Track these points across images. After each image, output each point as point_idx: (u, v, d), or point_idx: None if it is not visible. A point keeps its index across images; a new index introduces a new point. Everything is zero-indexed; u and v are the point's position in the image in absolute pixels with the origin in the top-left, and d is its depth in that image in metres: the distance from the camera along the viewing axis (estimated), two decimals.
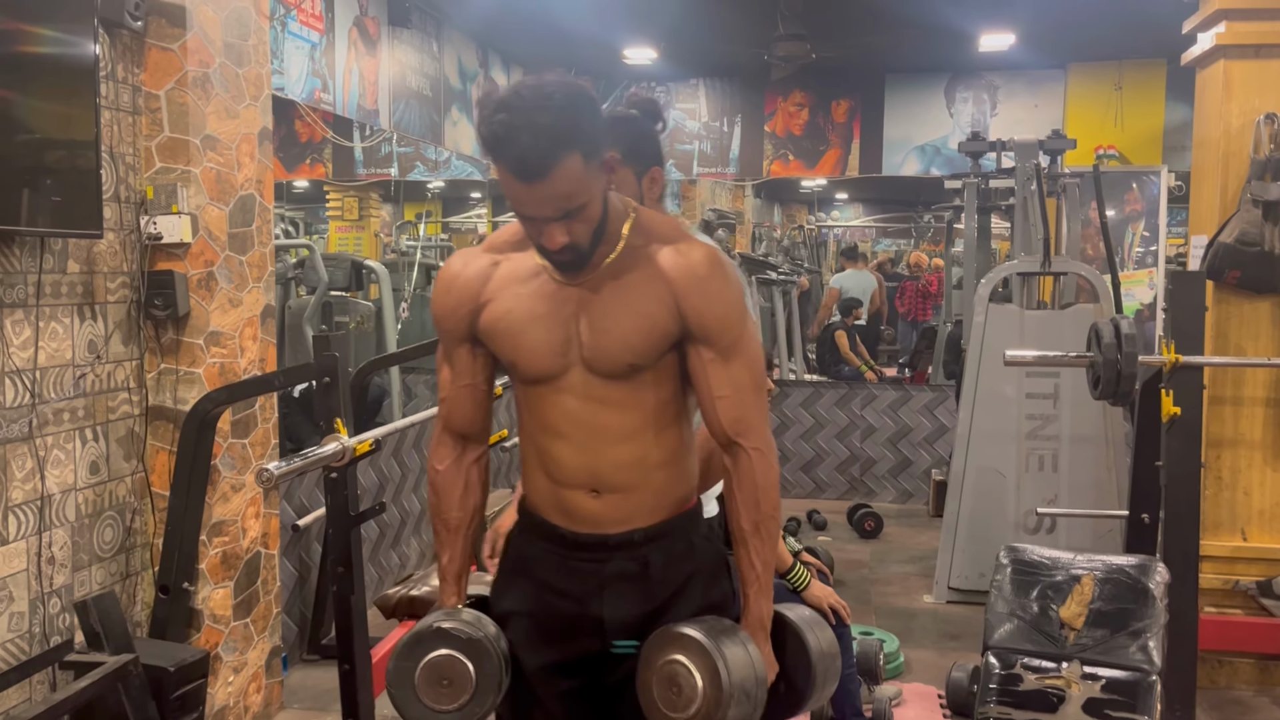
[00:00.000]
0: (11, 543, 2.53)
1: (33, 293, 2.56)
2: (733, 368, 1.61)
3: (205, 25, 3.02)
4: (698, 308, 1.59)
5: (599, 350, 1.59)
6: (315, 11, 4.46)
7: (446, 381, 1.73)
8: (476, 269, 1.67)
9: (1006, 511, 4.72)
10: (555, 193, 1.46)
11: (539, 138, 1.42)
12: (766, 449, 1.63)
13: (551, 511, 1.67)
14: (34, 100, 2.46)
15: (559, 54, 7.06)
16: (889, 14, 5.65)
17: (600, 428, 1.61)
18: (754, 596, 1.63)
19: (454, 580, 1.74)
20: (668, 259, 1.60)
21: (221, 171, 3.11)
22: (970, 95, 7.22)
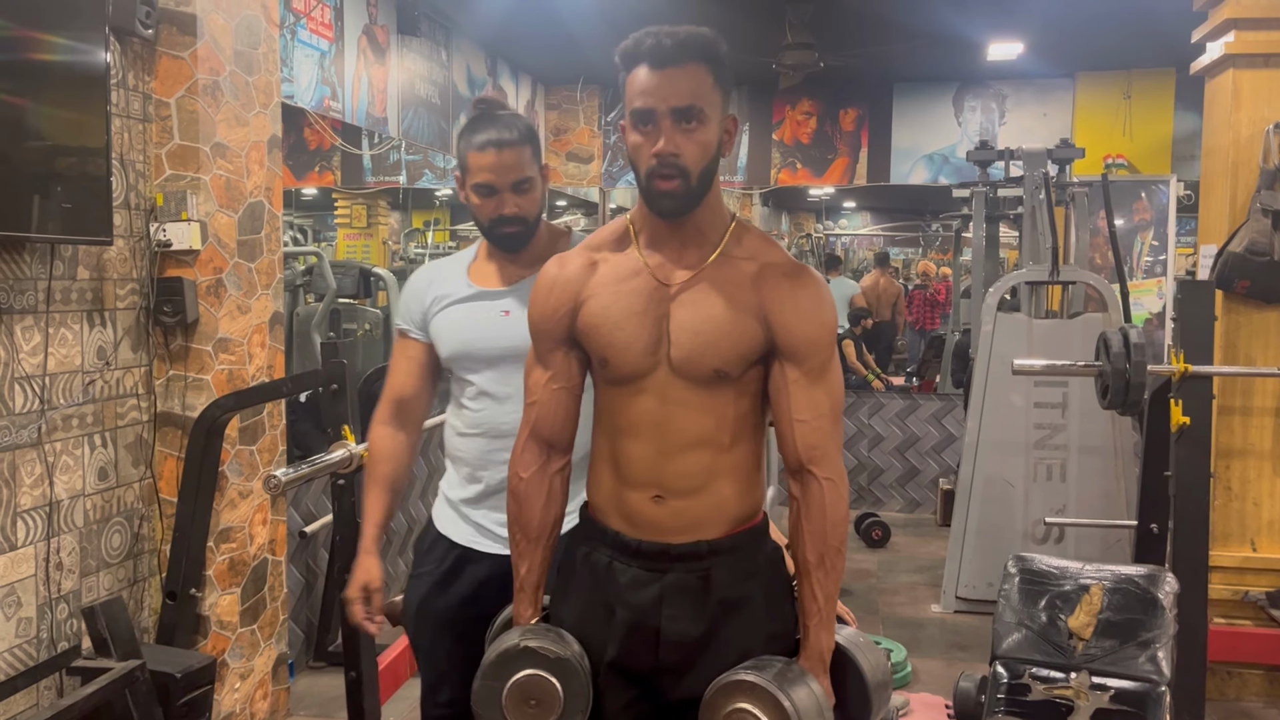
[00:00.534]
0: (20, 548, 2.54)
1: (42, 299, 2.57)
2: (815, 392, 1.59)
3: (216, 33, 3.03)
4: (789, 325, 1.58)
5: (687, 353, 1.58)
6: (325, 20, 4.48)
7: (538, 384, 1.71)
8: (576, 268, 1.68)
9: (1015, 521, 4.71)
10: (683, 87, 1.51)
11: (679, 37, 1.53)
12: (839, 480, 1.60)
13: (613, 516, 1.66)
14: (45, 107, 2.48)
15: (568, 62, 7.08)
16: (897, 23, 5.66)
17: (674, 430, 1.60)
18: (814, 630, 1.60)
19: (532, 592, 1.72)
20: (763, 272, 1.60)
21: (231, 179, 3.12)
22: (979, 104, 7.23)
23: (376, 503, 2.11)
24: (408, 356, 2.12)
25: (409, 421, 2.14)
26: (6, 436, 2.48)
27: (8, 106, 2.35)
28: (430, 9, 5.50)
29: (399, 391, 2.13)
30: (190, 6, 2.94)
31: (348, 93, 4.70)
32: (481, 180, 1.96)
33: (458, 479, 2.10)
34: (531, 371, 1.72)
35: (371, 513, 2.11)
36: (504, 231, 1.99)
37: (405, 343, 2.13)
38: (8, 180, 2.37)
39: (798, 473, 1.61)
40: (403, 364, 2.13)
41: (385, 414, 2.14)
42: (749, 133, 7.58)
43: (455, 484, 2.11)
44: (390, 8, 5.14)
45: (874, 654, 1.70)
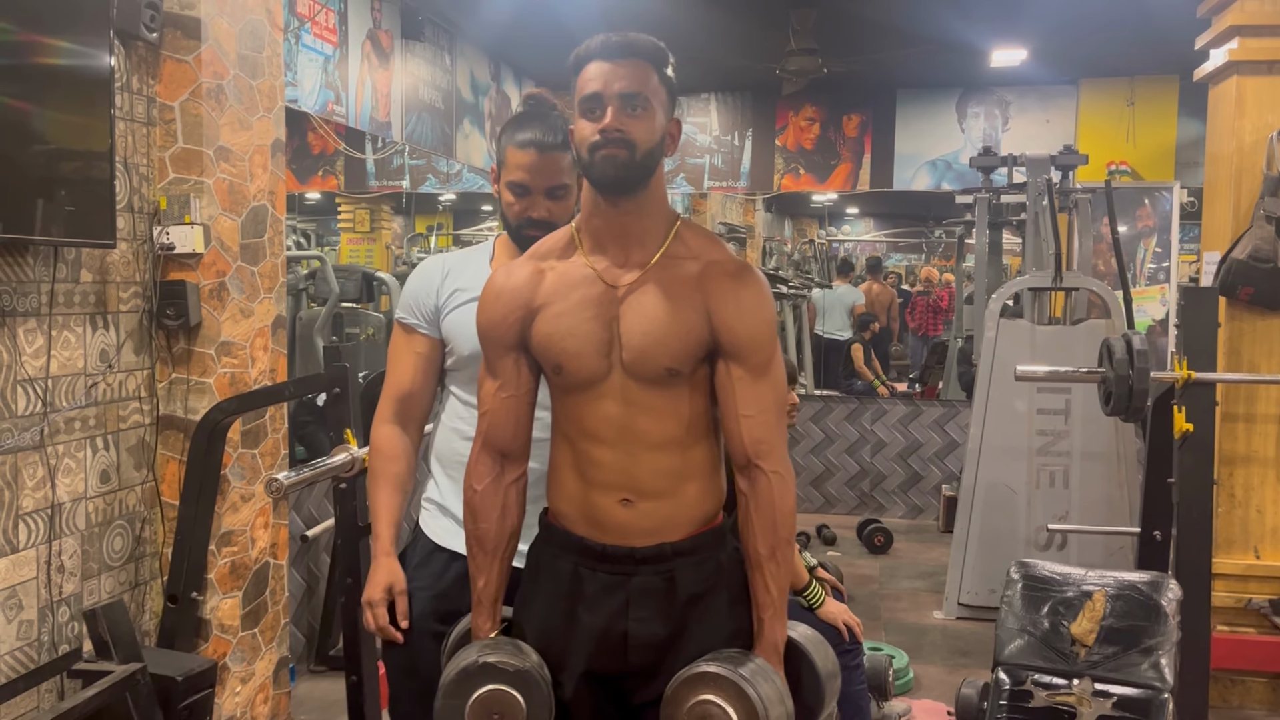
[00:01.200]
0: (22, 550, 2.53)
1: (45, 302, 2.58)
2: (760, 387, 1.62)
3: (220, 37, 3.04)
4: (730, 323, 1.60)
5: (638, 353, 1.60)
6: (329, 24, 4.49)
7: (489, 394, 1.71)
8: (524, 276, 1.68)
9: (1017, 527, 4.70)
10: (630, 75, 1.57)
11: (628, 37, 1.60)
12: (785, 473, 1.63)
13: (578, 522, 1.66)
14: (49, 111, 2.48)
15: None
16: (901, 29, 5.67)
17: (638, 433, 1.61)
18: (769, 621, 1.63)
19: (490, 605, 1.71)
20: (706, 271, 1.63)
21: (234, 183, 3.12)
22: (982, 110, 7.24)
23: (388, 503, 1.99)
24: (414, 352, 1.99)
25: (411, 420, 2.02)
26: (9, 439, 2.48)
27: (12, 110, 2.36)
28: (434, 14, 5.51)
29: (402, 388, 2.01)
30: (195, 10, 2.95)
31: (351, 97, 4.71)
32: (517, 179, 1.90)
33: (456, 487, 1.96)
34: (482, 382, 1.72)
35: (384, 513, 1.99)
36: (529, 234, 1.88)
37: (411, 337, 2.00)
38: (11, 183, 2.37)
39: (745, 468, 1.63)
40: (407, 359, 2.00)
41: (388, 412, 2.01)
42: (751, 138, 7.59)
43: (454, 493, 1.97)
44: (394, 12, 5.15)
45: (823, 647, 1.73)
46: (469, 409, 1.94)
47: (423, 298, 1.99)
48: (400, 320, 2.02)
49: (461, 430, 1.98)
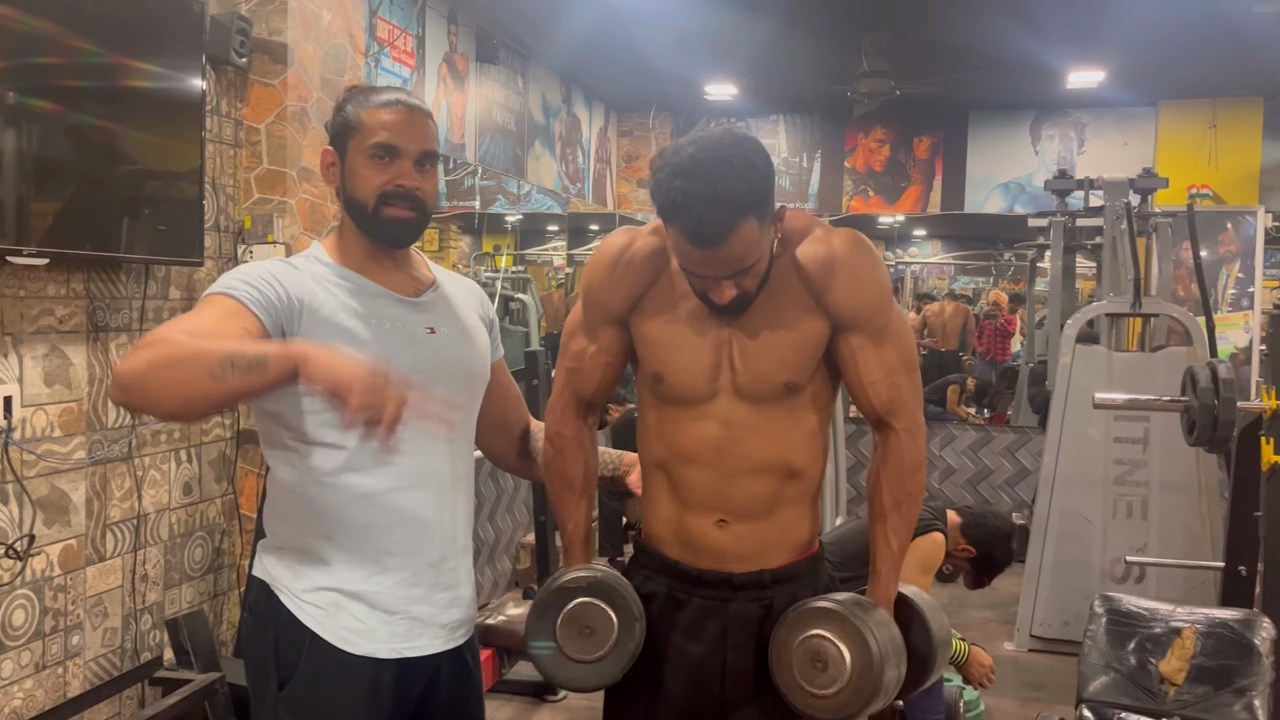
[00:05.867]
0: (108, 559, 2.60)
1: (136, 317, 2.65)
2: (883, 350, 1.57)
3: (305, 62, 3.12)
4: (843, 292, 1.54)
5: (754, 374, 1.56)
6: (407, 48, 4.58)
7: (583, 351, 1.67)
8: (648, 253, 1.61)
9: (1092, 558, 4.58)
10: (730, 255, 1.45)
11: (717, 206, 1.41)
12: (916, 430, 1.59)
13: (672, 545, 1.64)
14: (144, 133, 2.57)
15: (641, 90, 7.14)
16: (975, 51, 5.61)
17: (740, 456, 1.58)
18: (885, 574, 1.59)
19: (582, 546, 1.71)
20: (808, 253, 1.56)
21: (315, 203, 3.20)
22: (1056, 132, 7.12)
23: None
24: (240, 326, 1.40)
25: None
26: (100, 450, 2.55)
27: (108, 133, 2.44)
28: (509, 37, 5.59)
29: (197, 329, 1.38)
30: (282, 36, 3.03)
31: None
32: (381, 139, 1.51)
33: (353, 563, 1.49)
34: (574, 337, 1.67)
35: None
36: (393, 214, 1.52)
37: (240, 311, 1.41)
38: (107, 204, 2.45)
39: (878, 425, 1.61)
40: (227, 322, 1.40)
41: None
42: (820, 160, 7.56)
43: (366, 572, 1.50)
44: (470, 36, 5.24)
45: (938, 612, 1.66)
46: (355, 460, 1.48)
47: (274, 288, 1.45)
48: (226, 292, 1.43)
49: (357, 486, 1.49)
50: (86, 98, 2.37)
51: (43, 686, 2.42)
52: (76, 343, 2.48)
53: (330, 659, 1.47)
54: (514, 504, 4.90)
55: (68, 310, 2.45)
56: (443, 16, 4.96)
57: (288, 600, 1.48)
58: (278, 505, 1.53)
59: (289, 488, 1.51)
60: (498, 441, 1.79)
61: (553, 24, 5.34)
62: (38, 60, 2.22)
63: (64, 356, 2.44)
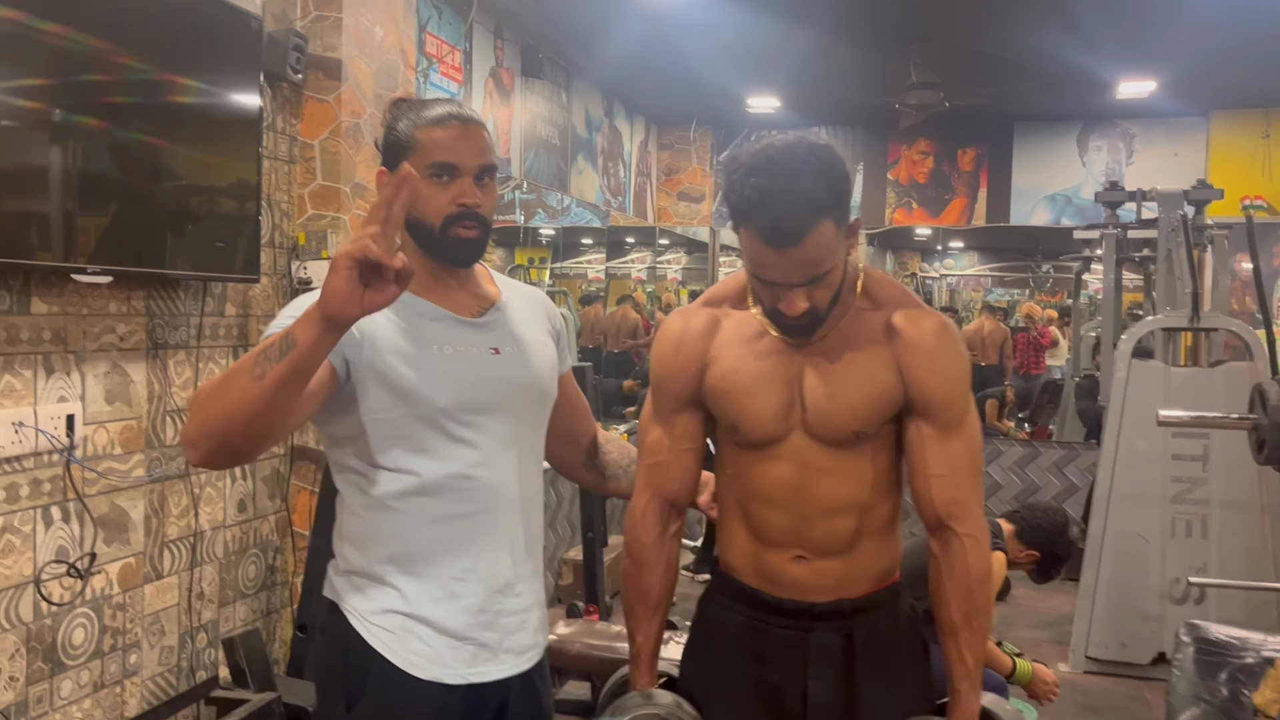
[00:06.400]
0: (166, 577, 2.60)
1: (194, 334, 2.65)
2: (952, 445, 1.53)
3: (359, 77, 3.11)
4: (923, 380, 1.51)
5: (824, 415, 1.52)
6: (455, 63, 4.58)
7: (663, 445, 1.62)
8: (701, 325, 1.60)
9: (1149, 578, 4.48)
10: (806, 259, 1.41)
11: (794, 204, 1.38)
12: (980, 535, 1.54)
13: (751, 575, 1.61)
14: (202, 152, 2.57)
15: (682, 103, 7.13)
16: (1023, 63, 5.55)
17: (815, 497, 1.54)
18: (965, 693, 1.53)
19: (649, 661, 1.65)
20: (898, 325, 1.53)
21: None
22: (1105, 143, 7.02)
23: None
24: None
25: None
26: (158, 468, 2.55)
27: (167, 151, 2.45)
28: (553, 52, 5.59)
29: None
30: (337, 52, 3.03)
31: None
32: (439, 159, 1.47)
33: (422, 588, 1.48)
34: (650, 431, 1.64)
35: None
36: (460, 234, 1.49)
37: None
38: (167, 221, 2.46)
39: (937, 529, 1.54)
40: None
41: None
42: (863, 172, 7.50)
43: (431, 597, 1.48)
44: (515, 51, 5.24)
45: (1018, 718, 1.63)
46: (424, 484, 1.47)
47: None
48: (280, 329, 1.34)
49: (425, 510, 1.47)
50: (145, 116, 2.37)
51: (101, 706, 2.41)
52: (137, 360, 2.48)
53: (398, 683, 1.45)
54: (558, 518, 4.87)
55: (129, 328, 2.45)
56: (489, 31, 4.96)
57: (356, 623, 1.48)
58: (346, 529, 1.52)
59: (357, 511, 1.49)
60: (565, 453, 1.77)
61: (596, 38, 5.34)
62: (99, 79, 2.23)
63: (124, 374, 2.44)
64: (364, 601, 1.48)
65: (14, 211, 2.07)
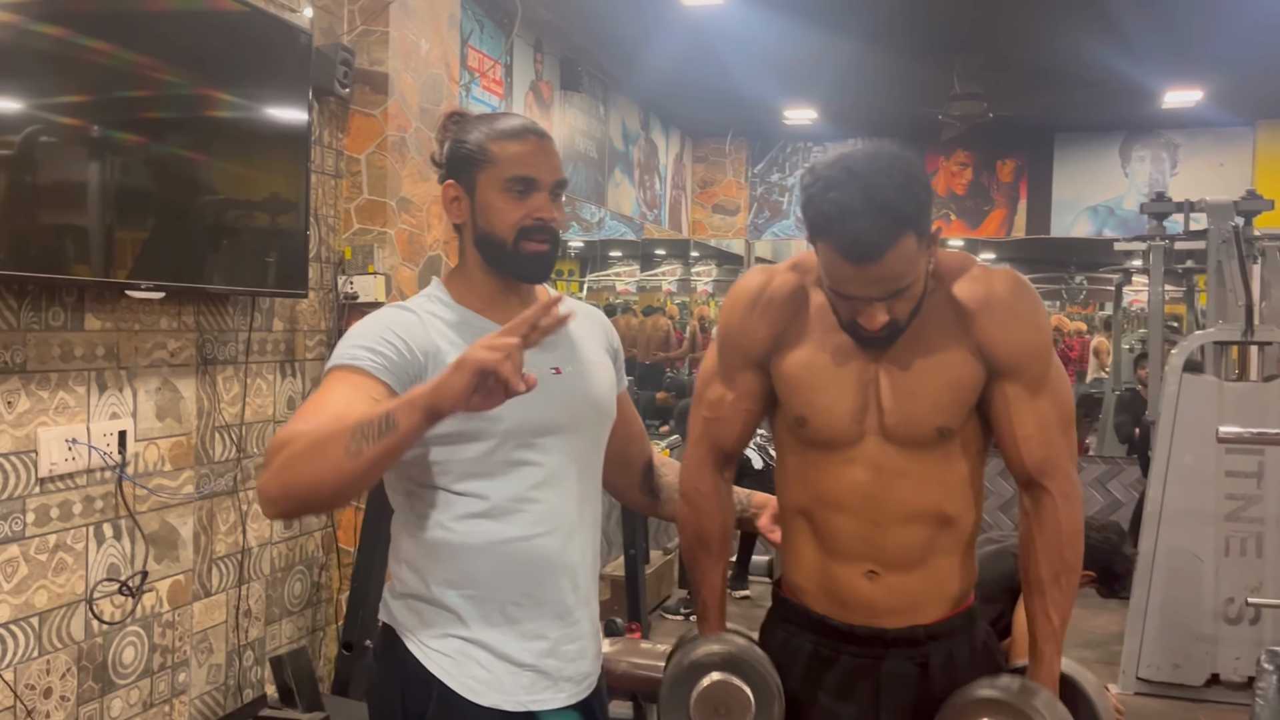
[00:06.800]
0: (214, 595, 2.58)
1: (242, 350, 2.64)
2: (1039, 403, 1.46)
3: (405, 91, 3.10)
4: (1001, 336, 1.45)
5: (904, 415, 1.47)
6: (496, 77, 4.58)
7: (725, 401, 1.57)
8: (785, 289, 1.53)
9: (1203, 598, 4.37)
10: (886, 274, 1.36)
11: (876, 218, 1.32)
12: (1073, 493, 1.49)
13: (818, 597, 1.55)
14: (250, 167, 2.56)
15: (718, 116, 7.10)
16: (1066, 72, 5.48)
17: (890, 502, 1.48)
18: (1049, 654, 1.48)
19: (718, 609, 1.62)
20: (965, 292, 1.47)
21: (413, 233, 3.17)
22: (1148, 154, 6.92)
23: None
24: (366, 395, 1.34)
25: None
26: (207, 484, 2.53)
27: (217, 167, 2.44)
28: (592, 65, 5.58)
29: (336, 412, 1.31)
30: (383, 66, 3.02)
31: None
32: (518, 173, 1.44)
33: (481, 612, 1.43)
34: (711, 384, 1.59)
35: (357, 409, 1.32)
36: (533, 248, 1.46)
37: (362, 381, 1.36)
38: (217, 236, 2.45)
39: (1028, 486, 1.49)
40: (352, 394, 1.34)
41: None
42: None
43: (490, 623, 1.44)
44: (555, 64, 5.23)
45: (1101, 691, 1.56)
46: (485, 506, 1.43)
47: (395, 346, 1.39)
48: (346, 363, 1.37)
49: (483, 533, 1.43)
50: (191, 131, 2.36)
51: None
52: (187, 376, 2.46)
53: (458, 710, 1.42)
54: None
55: (179, 343, 2.44)
56: (529, 45, 4.96)
57: (414, 647, 1.44)
58: (404, 551, 1.48)
59: (414, 534, 1.46)
60: (621, 476, 1.72)
61: (635, 50, 5.32)
62: (148, 95, 2.22)
63: (175, 390, 2.43)
64: (422, 626, 1.44)
65: (67, 227, 2.07)
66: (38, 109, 1.96)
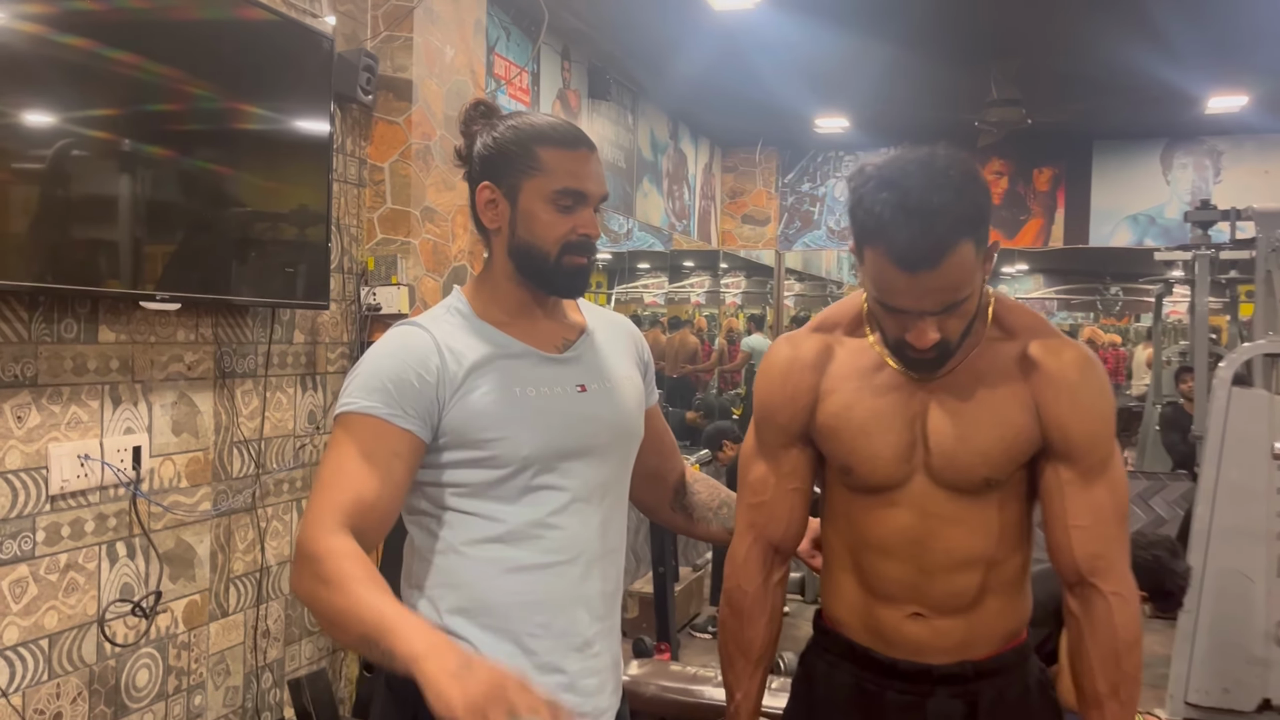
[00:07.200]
0: (231, 615, 2.51)
1: (261, 363, 2.57)
2: (1095, 492, 1.36)
3: (429, 99, 3.03)
4: (1064, 419, 1.35)
5: (950, 459, 1.37)
6: (523, 85, 4.51)
7: (768, 483, 1.47)
8: (811, 353, 1.45)
9: (1254, 620, 4.21)
10: (942, 284, 1.24)
11: (934, 221, 1.21)
12: (1129, 595, 1.36)
13: (861, 632, 1.46)
14: (270, 176, 2.49)
15: (747, 125, 7.01)
16: (1106, 77, 5.34)
17: (937, 549, 1.39)
18: None
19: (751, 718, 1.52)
20: (1035, 357, 1.37)
21: (438, 243, 3.10)
22: (1190, 161, 6.75)
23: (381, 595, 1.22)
24: (387, 451, 1.30)
25: (368, 542, 1.29)
26: (225, 501, 2.46)
27: (234, 177, 2.37)
28: (620, 74, 5.51)
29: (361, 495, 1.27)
30: (407, 72, 2.96)
31: None
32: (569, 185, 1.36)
33: (495, 642, 1.34)
34: (753, 467, 1.48)
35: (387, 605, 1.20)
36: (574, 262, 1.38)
37: (383, 431, 1.30)
38: (235, 247, 2.38)
39: (1077, 586, 1.38)
40: (374, 459, 1.29)
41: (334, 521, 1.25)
42: None
43: (497, 650, 1.34)
44: (583, 73, 5.16)
45: None
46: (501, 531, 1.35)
47: (413, 383, 1.31)
48: (362, 411, 1.30)
49: (499, 559, 1.35)
50: (211, 141, 2.30)
51: None
52: (204, 389, 2.40)
53: None
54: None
55: (196, 356, 2.37)
56: (556, 53, 4.89)
57: None
58: (415, 575, 1.40)
59: (427, 558, 1.38)
60: (650, 493, 1.63)
61: (664, 58, 5.24)
62: (167, 107, 2.16)
63: (192, 404, 2.36)
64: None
65: (81, 239, 2.01)
66: (59, 119, 1.90)
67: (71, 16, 1.94)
